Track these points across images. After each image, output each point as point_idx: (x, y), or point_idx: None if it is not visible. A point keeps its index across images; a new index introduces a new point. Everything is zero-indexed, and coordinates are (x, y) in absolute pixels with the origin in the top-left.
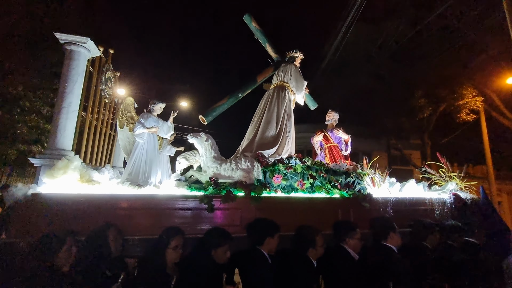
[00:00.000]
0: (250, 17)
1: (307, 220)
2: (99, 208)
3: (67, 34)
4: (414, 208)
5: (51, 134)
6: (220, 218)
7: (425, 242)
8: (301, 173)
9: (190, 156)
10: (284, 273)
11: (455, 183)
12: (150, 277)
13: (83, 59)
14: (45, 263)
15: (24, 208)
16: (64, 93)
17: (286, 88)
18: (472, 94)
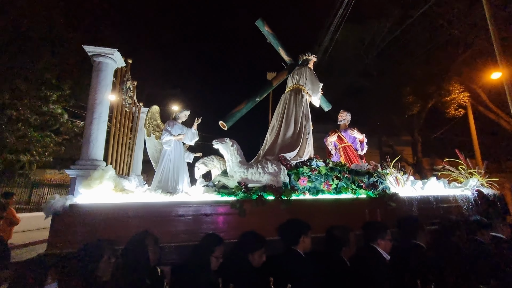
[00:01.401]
0: (262, 22)
1: (335, 221)
2: (135, 216)
3: (95, 46)
4: (439, 205)
5: (84, 145)
6: (250, 223)
7: (453, 239)
8: (325, 175)
9: (208, 162)
10: (320, 274)
11: (476, 179)
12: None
13: (111, 70)
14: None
15: (63, 219)
16: (94, 104)
17: (303, 90)
18: (459, 90)
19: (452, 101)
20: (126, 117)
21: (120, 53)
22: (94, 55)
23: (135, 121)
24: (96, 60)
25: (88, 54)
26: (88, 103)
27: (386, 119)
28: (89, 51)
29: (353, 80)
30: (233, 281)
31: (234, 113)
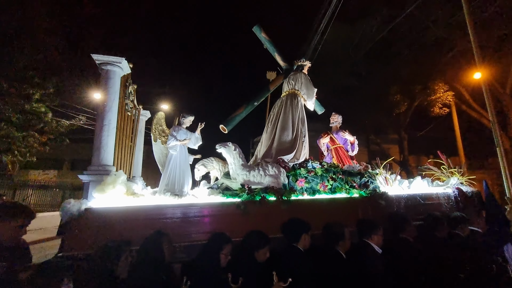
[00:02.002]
0: (259, 28)
1: (331, 218)
2: (147, 218)
3: (103, 55)
4: (424, 202)
5: (94, 151)
6: (254, 222)
7: (436, 233)
8: (321, 176)
9: (208, 163)
10: (318, 267)
11: (456, 178)
12: (204, 281)
13: (118, 78)
14: (107, 272)
15: (79, 222)
16: (104, 111)
17: (298, 95)
18: (443, 89)
19: (437, 100)
20: (128, 121)
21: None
22: (102, 63)
23: (135, 124)
24: (104, 68)
25: (96, 62)
26: (97, 111)
27: (374, 117)
28: (97, 60)
29: (342, 79)
30: (240, 276)
31: (234, 117)
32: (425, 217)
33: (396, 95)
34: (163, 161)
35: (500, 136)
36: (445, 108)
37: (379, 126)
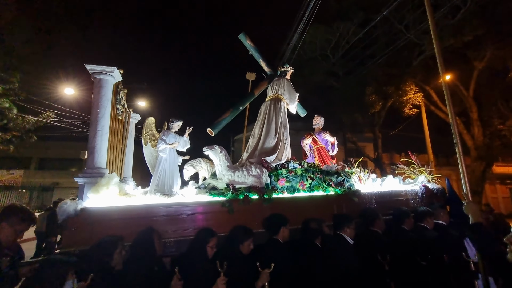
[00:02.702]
0: (245, 35)
1: (309, 214)
2: (139, 217)
3: (96, 65)
4: (393, 199)
5: (89, 154)
6: (238, 218)
7: (403, 226)
8: (300, 175)
9: (196, 164)
10: (296, 257)
11: (424, 176)
12: (194, 271)
13: (110, 86)
14: (103, 265)
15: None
16: (97, 118)
17: (281, 100)
18: (414, 91)
19: (408, 100)
20: (119, 125)
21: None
22: (95, 72)
23: (126, 127)
24: (97, 77)
25: (89, 71)
26: (91, 117)
27: (350, 117)
28: (90, 69)
29: (320, 79)
30: (227, 266)
31: (221, 120)
32: (393, 211)
33: (371, 95)
34: (153, 163)
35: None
36: (415, 109)
37: (355, 125)
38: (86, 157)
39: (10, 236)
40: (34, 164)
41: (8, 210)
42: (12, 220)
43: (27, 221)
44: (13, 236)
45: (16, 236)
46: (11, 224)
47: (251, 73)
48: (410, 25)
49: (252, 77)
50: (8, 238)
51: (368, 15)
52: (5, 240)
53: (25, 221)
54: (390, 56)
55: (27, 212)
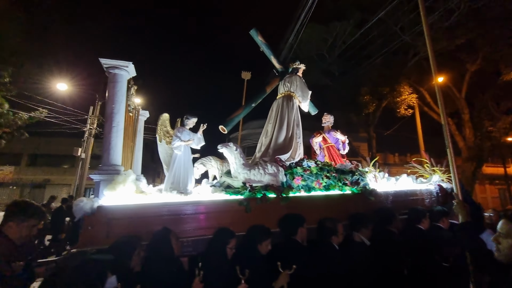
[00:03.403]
0: (256, 31)
1: (325, 213)
2: (156, 215)
3: (111, 60)
4: (408, 198)
5: (104, 151)
6: (254, 217)
7: (420, 225)
8: (315, 174)
9: (207, 162)
10: (314, 258)
11: (438, 176)
12: (214, 272)
13: (125, 81)
14: (122, 266)
15: (92, 220)
16: (112, 114)
17: (293, 97)
18: (408, 92)
19: (402, 101)
20: (130, 122)
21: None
22: (109, 67)
23: (136, 124)
24: (111, 72)
25: (104, 66)
26: (106, 113)
27: (346, 116)
28: (105, 64)
29: (316, 78)
30: (245, 267)
31: (233, 118)
32: (409, 211)
33: (366, 96)
34: (167, 161)
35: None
36: (409, 110)
37: (350, 125)
38: (102, 154)
39: (22, 234)
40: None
41: (12, 208)
42: (18, 218)
43: (35, 215)
44: (25, 233)
45: (29, 233)
46: (18, 222)
47: (246, 72)
48: (405, 27)
49: (247, 77)
50: (20, 237)
51: (364, 15)
52: (18, 239)
53: (33, 216)
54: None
55: (32, 206)
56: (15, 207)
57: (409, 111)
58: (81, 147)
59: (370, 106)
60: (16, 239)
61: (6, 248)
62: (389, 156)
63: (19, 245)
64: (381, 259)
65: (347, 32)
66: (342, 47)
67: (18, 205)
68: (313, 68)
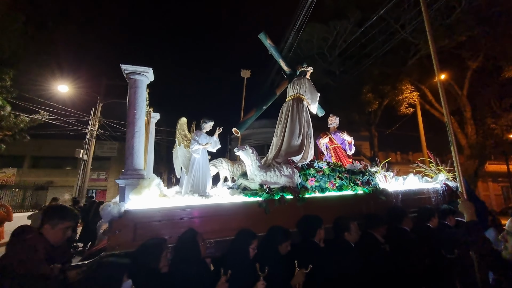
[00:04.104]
0: (265, 35)
1: (339, 213)
2: (180, 218)
3: (132, 66)
4: (416, 197)
5: (128, 157)
6: (272, 218)
7: (429, 223)
8: (328, 175)
9: (218, 164)
10: (332, 256)
11: (443, 175)
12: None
13: (145, 86)
14: (151, 268)
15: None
16: (135, 119)
17: (303, 99)
18: (409, 90)
19: (403, 99)
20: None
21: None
22: (130, 73)
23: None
24: (132, 77)
25: (125, 72)
26: (128, 118)
27: (347, 115)
28: (126, 70)
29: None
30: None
31: (245, 120)
32: (419, 210)
33: (368, 94)
34: (186, 164)
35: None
36: (410, 108)
37: (352, 124)
38: (125, 159)
39: (57, 235)
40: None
41: (47, 212)
42: (53, 221)
43: (67, 218)
44: (60, 235)
45: (64, 235)
46: (53, 225)
47: (245, 71)
48: (406, 25)
49: (247, 75)
50: (56, 238)
51: (365, 14)
52: (54, 241)
53: (65, 219)
54: (386, 55)
55: (65, 210)
56: (51, 211)
57: (410, 110)
58: (83, 148)
59: (373, 105)
60: (53, 241)
61: (45, 249)
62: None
63: (55, 246)
64: (396, 256)
65: (348, 30)
66: (342, 46)
67: (53, 208)
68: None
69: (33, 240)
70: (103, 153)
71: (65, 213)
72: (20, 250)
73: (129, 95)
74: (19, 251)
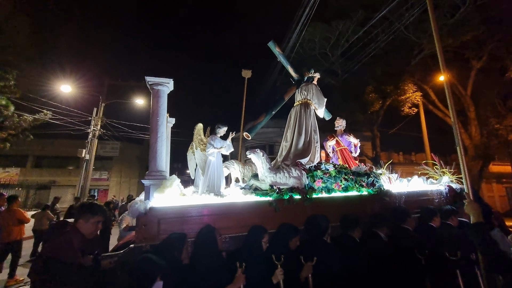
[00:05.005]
0: (274, 43)
1: (345, 213)
2: (198, 215)
3: (155, 77)
4: (420, 198)
5: (152, 159)
6: (281, 216)
7: (431, 223)
8: (334, 176)
9: (230, 165)
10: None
11: (447, 177)
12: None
13: (166, 96)
14: (174, 259)
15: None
16: (157, 126)
17: (310, 104)
18: (412, 90)
19: (406, 99)
20: None
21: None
22: (153, 84)
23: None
24: (155, 88)
25: (148, 83)
26: (151, 125)
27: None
28: (149, 81)
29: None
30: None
31: (256, 125)
32: (422, 210)
33: (371, 94)
34: (202, 166)
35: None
36: (414, 108)
37: (354, 124)
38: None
39: (90, 229)
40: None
41: (81, 208)
42: (86, 216)
43: (98, 213)
44: (92, 228)
45: (96, 228)
46: (86, 219)
47: (246, 71)
48: (409, 25)
49: (248, 75)
50: (89, 231)
51: (367, 13)
52: (88, 233)
53: (96, 214)
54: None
55: (95, 206)
56: (83, 207)
57: (413, 110)
58: (85, 148)
59: (376, 104)
60: (87, 234)
61: (80, 242)
62: (394, 155)
63: (89, 239)
64: (398, 253)
65: (350, 30)
66: (345, 46)
67: (85, 205)
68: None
69: (70, 233)
70: (106, 153)
71: (96, 209)
72: (59, 242)
73: (152, 104)
74: (59, 243)
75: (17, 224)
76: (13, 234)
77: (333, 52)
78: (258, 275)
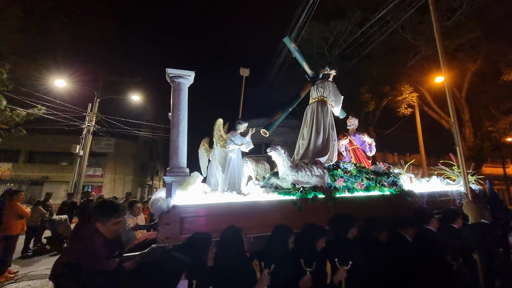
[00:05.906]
0: (289, 38)
1: (368, 213)
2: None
3: (176, 70)
4: (440, 199)
5: (173, 155)
6: (305, 216)
7: (454, 224)
8: (355, 176)
9: (243, 163)
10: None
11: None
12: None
13: (186, 89)
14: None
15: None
16: (179, 120)
17: (326, 102)
18: (408, 91)
19: (402, 100)
20: None
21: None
22: (174, 76)
23: None
24: (176, 81)
25: (169, 75)
26: (172, 120)
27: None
28: (170, 73)
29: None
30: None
31: (273, 121)
32: (444, 211)
33: (366, 94)
34: (222, 163)
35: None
36: (409, 109)
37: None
38: (170, 158)
39: (110, 229)
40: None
41: (95, 210)
42: (102, 219)
43: (116, 212)
44: (113, 229)
45: (117, 228)
46: (103, 222)
47: (244, 69)
48: (407, 26)
49: (246, 73)
50: (110, 233)
51: (365, 14)
52: (109, 235)
53: (114, 213)
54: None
55: (111, 205)
56: (100, 207)
57: (409, 110)
58: (79, 144)
59: (370, 105)
60: (107, 235)
61: (102, 244)
62: (388, 156)
63: (110, 240)
64: (424, 255)
65: (348, 30)
66: (342, 46)
67: (102, 204)
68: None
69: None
70: (100, 149)
71: (112, 208)
72: (80, 246)
73: (172, 97)
74: (80, 247)
75: (17, 218)
76: (13, 229)
77: (330, 51)
78: (284, 276)
